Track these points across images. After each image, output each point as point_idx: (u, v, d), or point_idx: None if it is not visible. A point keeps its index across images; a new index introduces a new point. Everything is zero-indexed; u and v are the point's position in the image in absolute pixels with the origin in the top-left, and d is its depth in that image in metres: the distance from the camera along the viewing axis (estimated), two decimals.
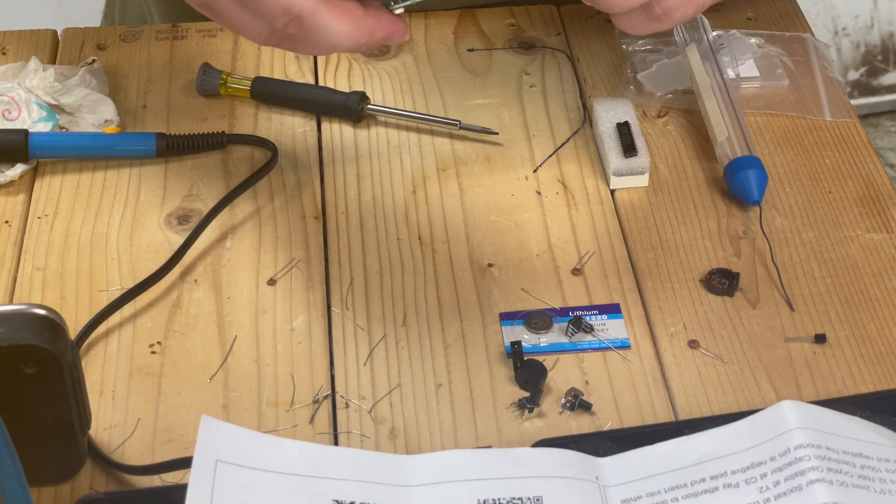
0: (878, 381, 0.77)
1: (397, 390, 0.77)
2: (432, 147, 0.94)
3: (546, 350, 0.79)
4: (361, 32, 0.67)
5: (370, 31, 0.68)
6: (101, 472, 0.73)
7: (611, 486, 0.68)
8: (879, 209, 0.89)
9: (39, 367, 0.64)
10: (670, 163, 0.92)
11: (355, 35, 0.67)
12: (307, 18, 0.66)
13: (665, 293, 0.83)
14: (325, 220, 0.88)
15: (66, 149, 0.92)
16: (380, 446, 0.74)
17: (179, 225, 0.87)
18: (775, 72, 0.99)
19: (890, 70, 2.40)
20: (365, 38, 0.68)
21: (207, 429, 0.66)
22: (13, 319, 0.64)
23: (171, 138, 0.92)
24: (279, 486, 0.66)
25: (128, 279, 0.83)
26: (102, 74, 0.97)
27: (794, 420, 0.68)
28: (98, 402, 0.76)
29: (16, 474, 0.57)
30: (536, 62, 1.01)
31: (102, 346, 0.80)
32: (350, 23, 0.67)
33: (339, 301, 0.82)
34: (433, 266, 0.85)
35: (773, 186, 0.90)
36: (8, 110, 0.92)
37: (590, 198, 0.90)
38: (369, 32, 0.68)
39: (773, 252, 0.85)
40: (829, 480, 0.65)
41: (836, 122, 0.96)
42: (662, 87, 0.98)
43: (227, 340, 0.80)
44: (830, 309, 0.82)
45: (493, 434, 0.75)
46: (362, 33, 0.67)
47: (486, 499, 0.67)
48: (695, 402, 0.76)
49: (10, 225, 0.88)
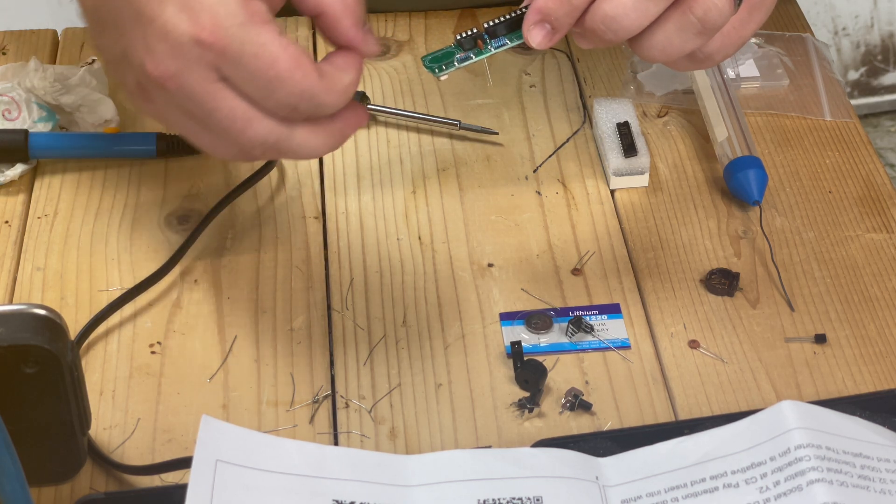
0: (878, 381, 0.77)
1: (397, 390, 0.77)
2: (432, 147, 0.94)
3: (546, 350, 0.79)
4: (335, 138, 0.69)
5: (342, 134, 0.69)
6: (101, 472, 0.73)
7: (611, 486, 0.68)
8: (879, 209, 0.89)
9: (39, 367, 0.64)
10: (670, 163, 0.92)
11: (330, 142, 0.69)
12: (283, 143, 0.67)
13: (665, 293, 0.83)
14: (325, 220, 0.88)
15: (66, 149, 0.92)
16: (380, 446, 0.74)
17: (179, 225, 0.87)
18: (775, 72, 0.99)
19: (890, 70, 2.40)
20: (338, 141, 0.69)
21: (207, 429, 0.66)
22: (13, 319, 0.64)
23: (171, 138, 0.92)
24: (279, 486, 0.66)
25: (128, 279, 0.83)
26: (102, 74, 0.97)
27: (794, 420, 0.68)
28: (98, 402, 0.76)
29: (16, 474, 0.57)
30: (536, 62, 1.01)
31: (102, 346, 0.80)
32: (322, 134, 0.68)
33: (339, 301, 0.82)
34: (433, 266, 0.85)
35: (773, 186, 0.90)
36: (8, 110, 0.92)
37: (590, 198, 0.90)
38: (341, 135, 0.69)
39: (773, 252, 0.85)
40: (829, 480, 0.65)
41: (836, 122, 0.96)
42: (662, 87, 0.98)
43: (227, 340, 0.80)
44: (830, 309, 0.82)
45: (493, 434, 0.75)
46: (336, 139, 0.69)
47: (486, 499, 0.67)
48: (695, 402, 0.76)
49: (10, 225, 0.88)
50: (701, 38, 0.69)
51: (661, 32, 0.68)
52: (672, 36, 0.68)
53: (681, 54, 0.69)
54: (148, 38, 0.66)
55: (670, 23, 0.68)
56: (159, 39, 0.65)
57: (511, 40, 0.70)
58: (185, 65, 0.65)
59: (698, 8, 0.67)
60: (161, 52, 0.65)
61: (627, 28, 0.67)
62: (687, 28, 0.68)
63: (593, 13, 0.67)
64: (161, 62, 0.65)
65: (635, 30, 0.68)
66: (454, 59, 0.71)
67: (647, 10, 0.67)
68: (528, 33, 0.68)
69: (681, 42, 0.68)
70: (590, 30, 0.68)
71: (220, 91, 0.65)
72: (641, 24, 0.67)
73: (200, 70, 0.65)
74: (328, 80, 0.66)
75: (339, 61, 0.67)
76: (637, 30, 0.68)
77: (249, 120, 0.66)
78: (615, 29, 0.67)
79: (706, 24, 0.68)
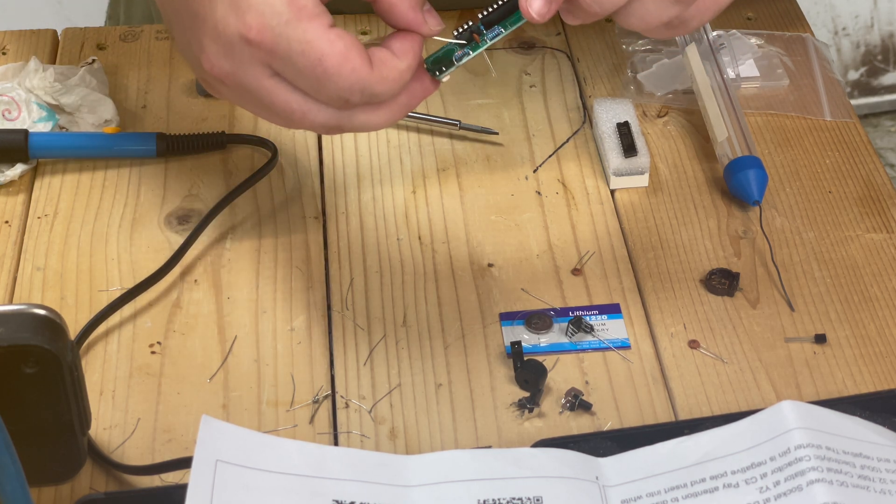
0: (878, 381, 0.77)
1: (397, 390, 0.77)
2: (432, 147, 0.94)
3: (546, 350, 0.79)
4: (398, 113, 0.70)
5: (406, 106, 0.70)
6: (101, 472, 0.73)
7: (611, 486, 0.68)
8: (879, 209, 0.89)
9: (39, 367, 0.64)
10: (670, 163, 0.92)
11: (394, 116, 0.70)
12: (344, 125, 0.69)
13: (665, 293, 0.83)
14: (325, 220, 0.88)
15: (66, 149, 0.92)
16: (380, 446, 0.74)
17: (179, 225, 0.87)
18: (775, 72, 0.99)
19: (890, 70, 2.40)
20: (403, 113, 0.70)
21: (207, 429, 0.66)
22: (13, 319, 0.64)
23: (170, 138, 0.92)
24: (279, 486, 0.66)
25: (128, 279, 0.83)
26: (102, 74, 0.97)
27: (794, 420, 0.68)
28: (98, 402, 0.76)
29: (16, 474, 0.57)
30: (536, 62, 1.01)
31: (102, 346, 0.80)
32: (385, 111, 0.69)
33: (339, 301, 0.82)
34: (433, 266, 0.85)
35: (773, 186, 0.90)
36: (8, 110, 0.92)
37: (590, 198, 0.90)
38: (406, 108, 0.70)
39: (773, 252, 0.85)
40: (829, 480, 0.65)
41: (836, 122, 0.96)
42: (662, 87, 0.98)
43: (227, 340, 0.80)
44: (830, 309, 0.82)
45: (493, 434, 0.75)
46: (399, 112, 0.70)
47: (486, 499, 0.67)
48: (695, 402, 0.76)
49: (10, 225, 0.88)
50: (678, 5, 0.69)
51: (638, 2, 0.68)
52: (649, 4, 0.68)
53: (658, 22, 0.69)
54: (202, 37, 0.67)
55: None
56: (212, 39, 0.67)
57: (505, 27, 0.70)
58: (239, 63, 0.67)
59: None
60: (215, 52, 0.67)
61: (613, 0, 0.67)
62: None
63: None
64: (216, 61, 0.67)
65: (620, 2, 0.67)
66: (453, 58, 0.71)
67: None
68: (529, 5, 0.68)
69: (658, 10, 0.68)
70: (577, 3, 0.68)
71: (274, 87, 0.67)
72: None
73: (253, 68, 0.67)
74: (381, 70, 0.67)
75: (395, 45, 0.68)
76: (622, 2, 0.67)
77: (306, 112, 0.68)
78: (601, 1, 0.67)
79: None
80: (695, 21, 0.71)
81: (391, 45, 0.68)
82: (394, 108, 0.70)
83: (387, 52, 0.68)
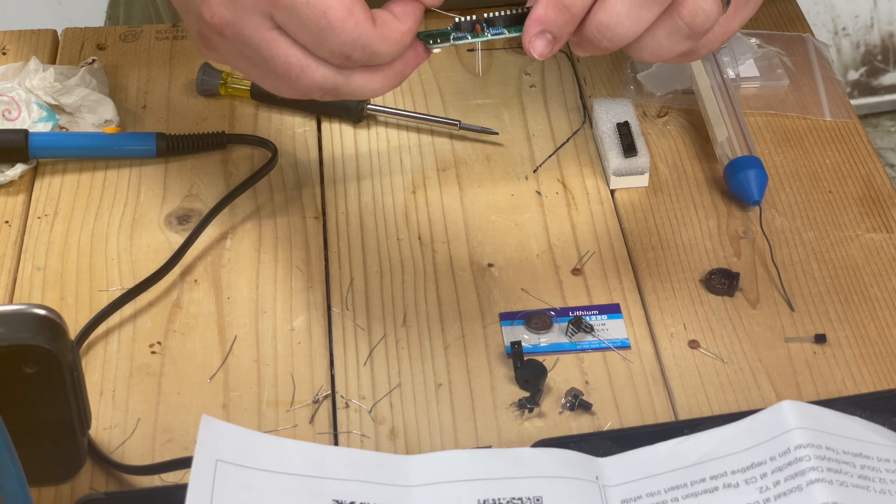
0: (878, 381, 0.77)
1: (397, 390, 0.77)
2: (432, 147, 0.94)
3: (546, 350, 0.79)
4: (393, 80, 0.70)
5: (401, 74, 0.70)
6: (101, 472, 0.73)
7: (611, 486, 0.68)
8: (879, 209, 0.89)
9: (39, 367, 0.64)
10: (670, 163, 0.92)
11: (389, 84, 0.70)
12: (340, 88, 0.69)
13: (665, 293, 0.83)
14: (325, 220, 0.88)
15: (66, 149, 0.92)
16: (380, 446, 0.74)
17: (179, 225, 0.87)
18: (775, 72, 0.99)
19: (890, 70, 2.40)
20: (398, 81, 0.70)
21: (207, 429, 0.66)
22: (13, 319, 0.64)
23: (171, 138, 0.92)
24: (279, 486, 0.66)
25: (128, 279, 0.83)
26: (102, 74, 0.97)
27: (794, 420, 0.68)
28: (98, 402, 0.76)
29: (16, 474, 0.57)
30: (536, 62, 1.01)
31: (102, 346, 0.80)
32: (381, 77, 0.69)
33: (339, 301, 0.82)
34: (433, 266, 0.85)
35: (773, 186, 0.90)
36: (8, 110, 0.92)
37: (590, 198, 0.90)
38: (401, 75, 0.70)
39: (773, 252, 0.85)
40: (829, 480, 0.65)
41: (836, 122, 0.96)
42: (662, 87, 0.98)
43: (227, 340, 0.80)
44: (830, 309, 0.82)
45: (493, 434, 0.75)
46: (395, 79, 0.70)
47: (486, 499, 0.67)
48: (695, 402, 0.76)
49: (10, 225, 0.88)
50: (690, 41, 0.69)
51: (650, 38, 0.69)
52: (662, 40, 0.69)
53: (671, 56, 0.70)
54: None
55: (660, 29, 0.69)
56: None
57: (509, 31, 0.71)
58: (241, 13, 0.67)
59: (686, 13, 0.68)
60: (217, 1, 0.67)
61: (622, 36, 0.68)
62: (676, 33, 0.69)
63: (589, 22, 0.68)
64: (217, 11, 0.67)
65: (630, 38, 0.68)
66: (450, 35, 0.71)
67: (640, 17, 0.68)
68: (531, 45, 0.69)
69: (670, 45, 0.69)
70: (586, 38, 0.68)
71: (274, 39, 0.67)
72: (636, 32, 0.68)
73: (255, 18, 0.67)
74: (383, 29, 0.67)
75: (397, 9, 0.68)
76: (632, 38, 0.68)
77: (304, 67, 0.68)
78: (610, 37, 0.68)
79: (694, 28, 0.68)
80: (704, 50, 0.72)
81: (392, 9, 0.68)
82: (389, 75, 0.69)
83: (389, 14, 0.68)
